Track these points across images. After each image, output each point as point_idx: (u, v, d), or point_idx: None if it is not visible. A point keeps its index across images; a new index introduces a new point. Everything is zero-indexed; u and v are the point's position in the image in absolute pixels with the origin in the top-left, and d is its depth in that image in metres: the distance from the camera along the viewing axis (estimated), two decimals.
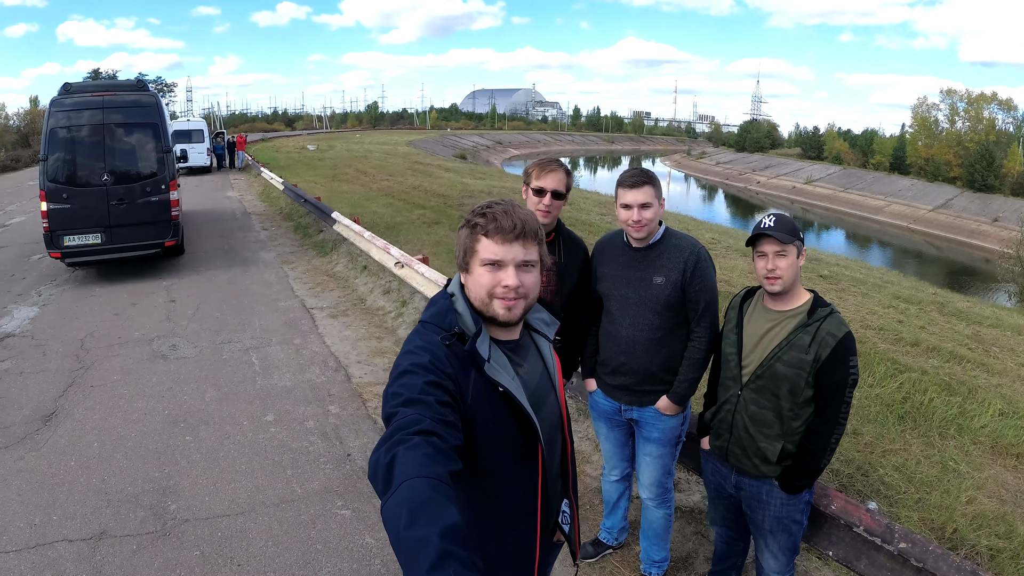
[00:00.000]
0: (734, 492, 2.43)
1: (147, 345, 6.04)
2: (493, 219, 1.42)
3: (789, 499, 2.27)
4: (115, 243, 8.48)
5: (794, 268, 2.16)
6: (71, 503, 3.50)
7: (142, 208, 8.59)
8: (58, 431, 4.33)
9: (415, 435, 1.13)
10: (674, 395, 2.58)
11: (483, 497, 1.43)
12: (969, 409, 4.55)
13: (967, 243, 34.43)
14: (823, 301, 2.21)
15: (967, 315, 8.25)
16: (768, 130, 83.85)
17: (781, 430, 2.21)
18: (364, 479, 3.78)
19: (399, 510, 0.96)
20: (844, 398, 2.12)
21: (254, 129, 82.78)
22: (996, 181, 41.63)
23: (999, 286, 21.53)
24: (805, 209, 45.25)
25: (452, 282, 1.55)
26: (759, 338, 2.25)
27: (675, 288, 2.48)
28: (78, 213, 8.19)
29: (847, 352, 2.09)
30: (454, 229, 11.58)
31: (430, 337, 1.40)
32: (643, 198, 2.41)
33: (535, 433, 1.43)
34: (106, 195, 8.34)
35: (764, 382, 2.21)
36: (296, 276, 8.94)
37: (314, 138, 56.66)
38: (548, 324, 1.63)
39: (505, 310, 1.42)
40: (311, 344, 6.14)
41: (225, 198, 18.04)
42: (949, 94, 50.18)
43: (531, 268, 1.44)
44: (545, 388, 1.55)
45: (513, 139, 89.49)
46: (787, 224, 2.16)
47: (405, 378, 1.29)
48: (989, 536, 3.11)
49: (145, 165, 8.63)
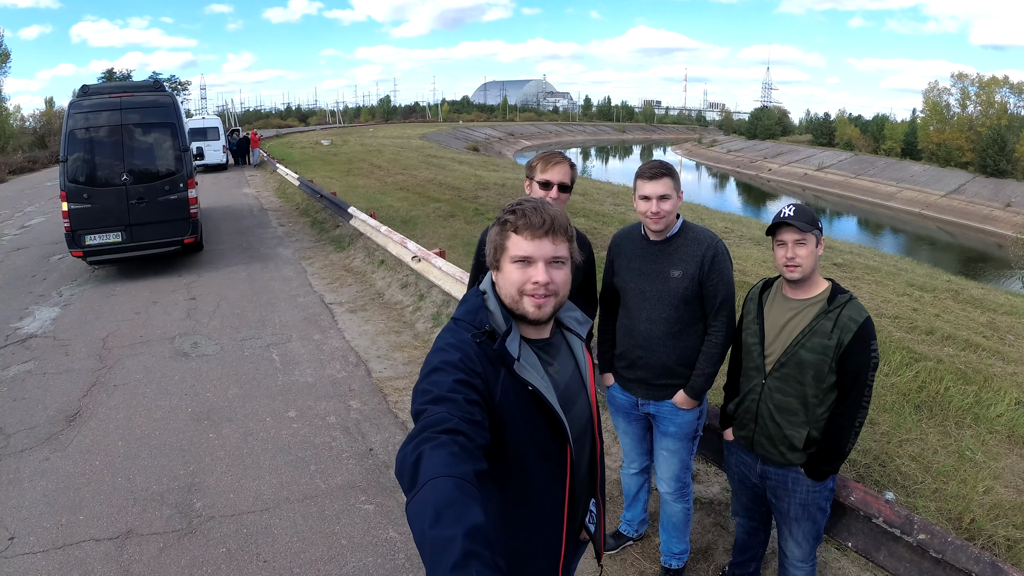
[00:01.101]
0: (759, 482, 2.47)
1: (169, 343, 6.13)
2: (523, 215, 1.42)
3: (815, 486, 2.32)
4: (135, 241, 8.64)
5: (813, 256, 2.20)
6: (97, 503, 3.56)
7: (161, 206, 8.73)
8: (82, 431, 4.41)
9: (442, 433, 1.14)
10: (691, 389, 2.61)
11: (510, 496, 1.44)
12: (985, 398, 4.53)
13: (980, 229, 33.94)
14: (841, 288, 2.26)
15: (982, 302, 8.19)
16: (779, 117, 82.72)
17: (806, 417, 2.26)
18: (387, 474, 3.85)
19: (424, 509, 0.97)
20: (867, 381, 2.17)
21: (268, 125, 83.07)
22: (1008, 166, 40.92)
23: (1012, 272, 21.32)
24: (817, 196, 44.78)
25: (484, 280, 1.54)
26: (781, 327, 2.29)
27: (692, 282, 2.50)
28: (99, 212, 8.34)
29: (868, 336, 2.15)
30: (469, 222, 11.73)
31: (461, 335, 1.41)
32: (662, 190, 2.43)
33: (564, 433, 1.43)
34: (126, 194, 8.49)
35: (788, 370, 2.25)
36: (314, 272, 9.02)
37: (328, 133, 56.78)
38: (581, 323, 1.62)
39: (535, 308, 1.42)
40: (331, 339, 6.21)
41: (242, 195, 18.17)
42: (960, 78, 49.28)
43: (561, 264, 1.44)
44: (576, 387, 1.55)
45: (525, 130, 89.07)
46: (806, 214, 2.20)
47: (435, 375, 1.30)
48: (1006, 527, 3.12)
49: (163, 164, 8.75)
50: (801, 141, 67.27)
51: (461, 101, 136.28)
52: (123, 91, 8.97)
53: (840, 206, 41.28)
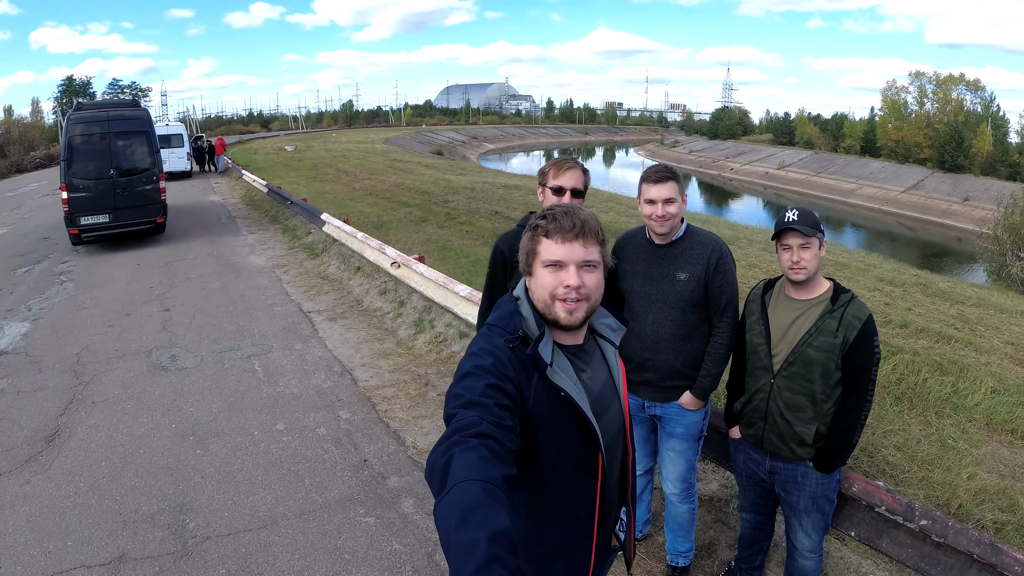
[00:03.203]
0: (767, 477, 2.53)
1: (146, 357, 5.96)
2: (553, 219, 1.42)
3: (823, 478, 2.40)
4: (119, 222, 11.24)
5: (817, 259, 2.28)
6: (85, 527, 3.42)
7: (139, 195, 11.35)
8: (63, 451, 4.25)
9: (472, 437, 1.14)
10: (697, 390, 2.65)
11: (541, 502, 1.44)
12: (962, 388, 4.68)
13: (939, 223, 35.09)
14: (843, 288, 2.32)
15: (950, 295, 8.46)
16: (739, 117, 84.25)
17: (814, 413, 2.32)
18: (384, 485, 3.80)
19: (451, 511, 0.97)
20: (871, 376, 2.25)
21: (230, 131, 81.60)
22: (966, 161, 42.51)
23: (973, 265, 22.08)
24: (779, 194, 45.65)
25: (518, 286, 1.55)
26: (787, 327, 2.34)
27: (698, 284, 2.53)
28: (91, 199, 10.82)
29: (871, 333, 2.23)
30: (442, 227, 11.68)
31: (494, 340, 1.41)
32: (667, 193, 2.47)
33: (596, 440, 1.43)
34: (112, 185, 11.00)
35: (797, 368, 2.30)
36: (289, 280, 8.90)
37: (291, 139, 56.04)
38: (614, 330, 1.61)
39: (567, 313, 1.41)
40: (313, 349, 6.13)
41: (209, 202, 17.85)
42: (918, 76, 51.08)
43: (593, 268, 1.43)
44: (609, 395, 1.54)
45: (488, 133, 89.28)
46: (810, 218, 2.26)
47: (467, 380, 1.31)
48: (993, 510, 3.23)
49: (140, 162, 11.36)
50: (762, 140, 68.64)
51: (424, 105, 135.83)
52: (109, 107, 11.61)
53: (802, 204, 41.88)
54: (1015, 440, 4.01)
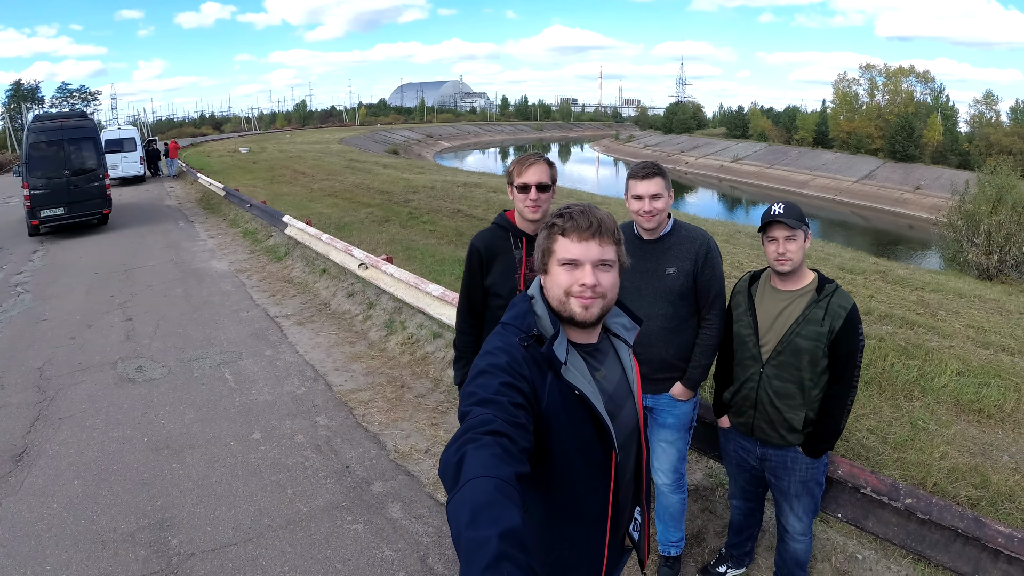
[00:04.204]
0: (758, 464, 2.59)
1: (111, 369, 5.75)
2: (570, 218, 1.42)
3: (813, 463, 2.46)
4: (73, 213, 13.57)
5: (802, 250, 2.32)
6: (63, 549, 3.26)
7: (89, 191, 13.74)
8: (33, 471, 4.06)
9: (485, 435, 1.14)
10: (688, 381, 2.68)
11: (555, 501, 1.43)
12: (928, 371, 4.84)
13: (892, 211, 36.25)
14: (827, 278, 2.37)
15: (909, 282, 8.74)
16: (693, 111, 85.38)
17: (803, 400, 2.38)
18: (369, 491, 3.75)
19: (462, 508, 0.97)
20: (856, 363, 2.32)
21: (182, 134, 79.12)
22: (917, 151, 43.96)
23: (926, 252, 22.91)
24: (733, 187, 46.47)
25: (532, 284, 1.54)
26: (775, 317, 2.39)
27: (687, 278, 2.57)
28: (49, 195, 13.12)
29: (856, 321, 2.29)
30: (405, 226, 11.59)
31: (509, 338, 1.40)
32: (654, 189, 2.49)
33: (610, 439, 1.43)
34: (66, 183, 13.30)
35: (786, 357, 2.35)
36: (253, 284, 8.72)
37: (245, 140, 54.85)
38: (628, 329, 1.60)
39: (582, 308, 1.41)
40: (283, 354, 6.01)
41: (165, 207, 17.41)
42: (868, 69, 52.73)
43: (609, 267, 1.43)
44: (623, 394, 1.54)
45: (443, 132, 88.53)
46: (795, 211, 2.31)
47: (481, 378, 1.30)
48: (967, 487, 3.35)
49: (89, 164, 13.77)
50: (716, 134, 69.77)
51: (378, 104, 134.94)
52: (62, 118, 14.24)
53: (756, 196, 43.01)
54: (983, 419, 4.17)
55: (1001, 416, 4.19)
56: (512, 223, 2.59)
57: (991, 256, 13.08)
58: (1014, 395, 4.37)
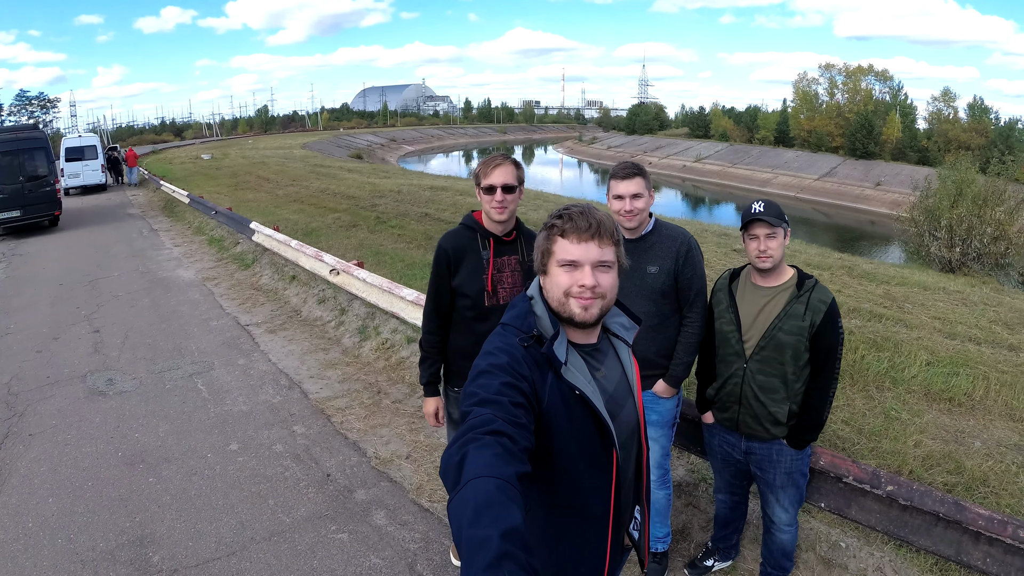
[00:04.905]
0: (743, 458, 2.63)
1: (81, 382, 5.58)
2: (569, 219, 1.42)
3: (797, 454, 2.51)
4: (28, 215, 15.10)
5: (782, 247, 2.37)
6: (41, 571, 3.14)
7: (41, 195, 15.19)
8: (5, 490, 3.90)
9: (486, 435, 1.14)
10: (671, 378, 2.71)
11: (557, 501, 1.44)
12: (898, 362, 4.97)
13: (853, 208, 37.10)
14: (806, 274, 2.42)
15: (875, 276, 8.97)
16: (656, 112, 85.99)
17: (787, 393, 2.42)
18: (352, 498, 3.70)
19: (464, 507, 0.98)
20: (837, 355, 2.38)
21: (143, 141, 77.41)
22: (876, 148, 45.14)
23: (888, 246, 23.56)
24: (696, 186, 46.96)
25: (531, 285, 1.54)
26: (756, 313, 2.43)
27: (669, 276, 2.60)
28: (6, 200, 14.59)
29: (835, 315, 2.35)
30: (373, 231, 11.52)
31: (509, 339, 1.41)
32: (635, 188, 2.51)
33: (611, 438, 1.44)
34: (22, 189, 14.83)
35: (769, 352, 2.39)
36: (222, 292, 8.56)
37: (207, 147, 53.94)
38: (627, 328, 1.61)
39: (582, 309, 1.42)
40: (256, 363, 5.90)
41: (128, 216, 17.04)
42: (828, 68, 54.04)
43: (608, 268, 1.44)
44: (623, 393, 1.54)
45: (407, 135, 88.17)
46: (775, 209, 2.35)
47: (482, 378, 1.31)
48: (942, 473, 3.45)
49: (41, 171, 15.27)
50: (678, 134, 70.65)
51: (341, 108, 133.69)
52: (17, 130, 15.89)
53: (719, 194, 43.65)
54: (953, 408, 4.30)
55: (971, 404, 4.32)
56: (479, 224, 2.60)
57: (953, 249, 13.46)
58: (983, 383, 4.51)
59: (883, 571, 2.82)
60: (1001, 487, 3.29)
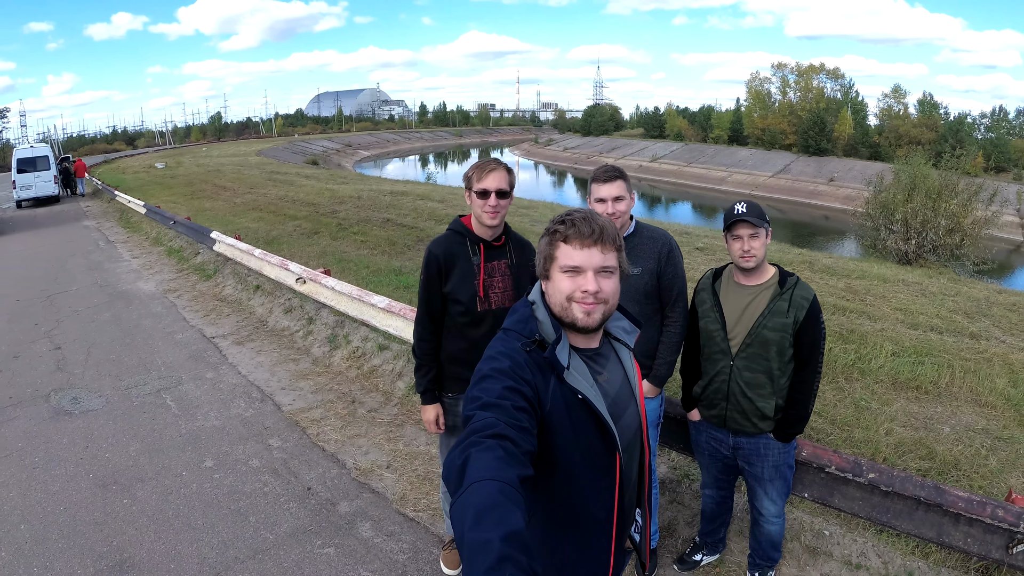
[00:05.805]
0: (730, 454, 2.68)
1: (44, 402, 5.34)
2: (572, 225, 1.43)
3: (784, 447, 2.58)
4: None
5: (764, 247, 2.43)
6: None
7: None
8: None
9: (489, 438, 1.15)
10: (655, 378, 2.75)
11: (560, 504, 1.44)
12: (864, 353, 5.14)
13: (808, 203, 38.12)
14: (788, 272, 2.49)
15: (835, 270, 9.26)
16: (611, 113, 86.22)
17: (773, 388, 2.49)
18: (335, 511, 3.64)
19: (466, 510, 0.98)
20: (820, 350, 2.46)
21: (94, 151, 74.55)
22: (829, 144, 46.37)
23: (843, 240, 24.28)
24: (652, 185, 47.49)
25: (533, 290, 1.54)
26: (741, 312, 2.49)
27: (651, 277, 2.64)
28: None
29: (818, 311, 2.43)
30: (335, 238, 11.43)
31: (511, 343, 1.41)
32: (616, 191, 2.55)
33: (614, 442, 1.44)
34: None
35: (755, 349, 2.45)
36: (185, 304, 8.32)
37: (160, 155, 52.46)
38: (628, 332, 1.62)
39: (584, 314, 1.42)
40: (226, 376, 5.76)
41: (83, 228, 16.41)
42: (780, 67, 55.39)
43: (610, 274, 1.44)
44: (625, 397, 1.55)
45: (362, 140, 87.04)
46: (757, 210, 2.41)
47: (484, 383, 1.32)
48: (915, 459, 3.58)
49: None
50: (634, 135, 71.27)
51: (295, 114, 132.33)
52: None
53: (675, 193, 44.34)
54: (921, 395, 4.46)
55: (938, 392, 4.49)
56: (469, 229, 2.59)
57: (909, 242, 13.92)
58: (947, 371, 4.70)
59: (867, 556, 2.92)
60: (972, 470, 3.43)
